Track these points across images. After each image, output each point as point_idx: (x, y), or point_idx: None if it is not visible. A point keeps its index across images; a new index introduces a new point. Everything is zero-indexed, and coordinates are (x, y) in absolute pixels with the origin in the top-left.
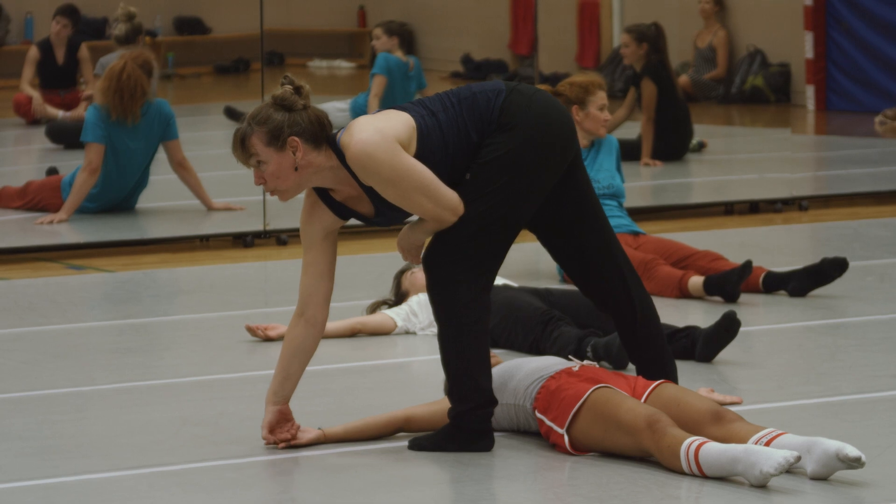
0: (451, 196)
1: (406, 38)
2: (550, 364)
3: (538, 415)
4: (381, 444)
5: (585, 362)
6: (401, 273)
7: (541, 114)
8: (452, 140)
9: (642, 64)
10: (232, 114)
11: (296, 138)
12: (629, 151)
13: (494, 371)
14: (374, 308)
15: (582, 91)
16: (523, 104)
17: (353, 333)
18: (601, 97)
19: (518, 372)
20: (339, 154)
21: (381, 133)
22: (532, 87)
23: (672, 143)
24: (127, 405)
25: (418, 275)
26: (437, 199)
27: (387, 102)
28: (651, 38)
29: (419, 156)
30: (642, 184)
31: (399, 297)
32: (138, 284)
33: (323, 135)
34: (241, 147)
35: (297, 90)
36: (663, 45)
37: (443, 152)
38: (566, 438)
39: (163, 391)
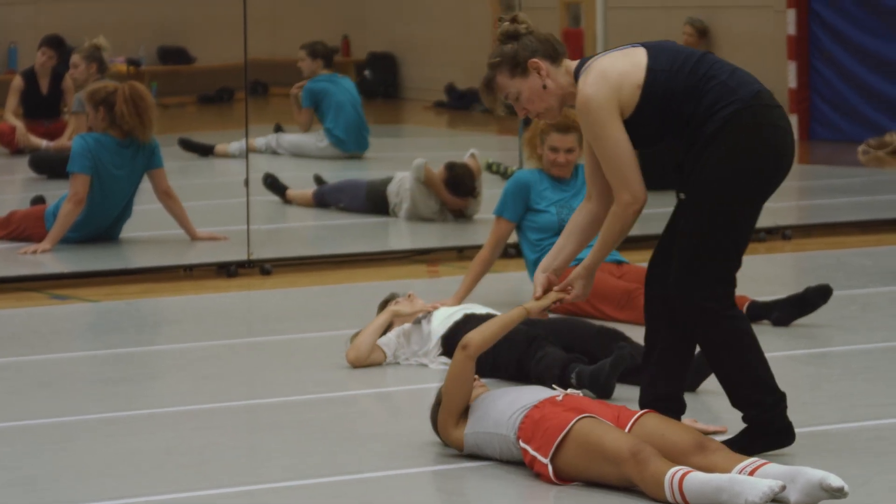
0: (636, 181)
1: (329, 56)
2: (534, 393)
3: (522, 444)
4: (365, 473)
5: (569, 391)
6: (384, 303)
7: (761, 143)
8: (676, 106)
9: None
10: (188, 145)
11: (535, 59)
12: None
13: (478, 401)
14: (356, 336)
15: (537, 129)
16: (749, 126)
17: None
18: (553, 139)
19: (501, 401)
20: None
21: (607, 93)
22: (771, 114)
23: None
24: (111, 435)
25: (403, 304)
26: (623, 178)
27: (338, 116)
28: None
29: (638, 108)
30: None
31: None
32: (122, 314)
33: (557, 51)
34: (489, 90)
35: (513, 20)
36: None
37: (662, 115)
38: (550, 468)
39: (147, 421)
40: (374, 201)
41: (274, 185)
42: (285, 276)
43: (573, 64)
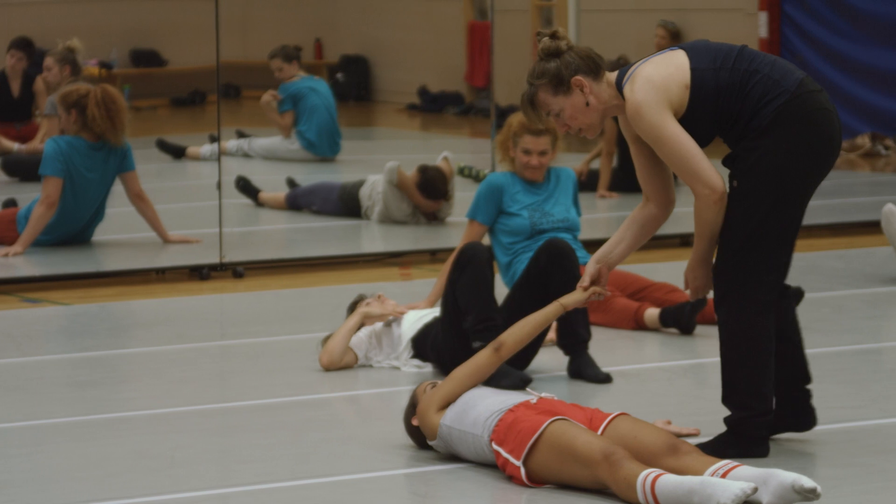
0: (708, 172)
1: (299, 56)
2: (511, 397)
3: (495, 446)
4: (338, 476)
5: (543, 394)
6: (353, 305)
7: (810, 130)
8: (723, 104)
9: None
10: (164, 146)
11: (578, 77)
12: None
13: (457, 401)
14: (327, 339)
15: (510, 131)
16: (797, 115)
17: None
18: (526, 141)
19: (479, 403)
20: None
21: (656, 96)
22: (817, 100)
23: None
24: (82, 439)
25: (373, 305)
26: (694, 172)
27: (311, 118)
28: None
29: (689, 109)
30: (599, 216)
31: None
32: (94, 317)
33: (599, 66)
34: (532, 107)
35: (553, 36)
36: None
37: (712, 113)
38: (523, 471)
39: (118, 425)
40: (346, 204)
41: (246, 187)
42: (258, 278)
43: (613, 75)
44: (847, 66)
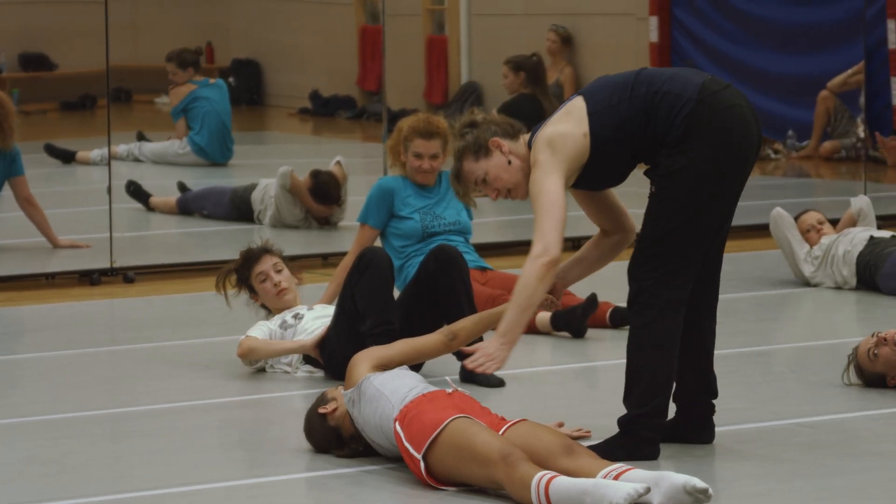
0: (554, 235)
1: (197, 60)
2: (429, 385)
3: (398, 428)
4: (232, 481)
5: (460, 389)
6: (246, 256)
7: (722, 130)
8: (632, 134)
9: (518, 94)
10: (52, 151)
11: (495, 139)
12: None
13: (399, 368)
14: (253, 338)
15: (401, 135)
16: (706, 119)
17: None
18: (417, 145)
19: (406, 379)
20: None
21: (550, 157)
22: (721, 98)
23: None
24: None
25: (308, 341)
26: (544, 230)
27: (204, 125)
28: (529, 67)
29: (593, 153)
30: (492, 219)
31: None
32: None
33: (515, 128)
34: (460, 181)
35: (470, 113)
36: (542, 76)
37: (622, 147)
38: (422, 464)
39: (8, 430)
40: (238, 208)
41: (137, 192)
42: (148, 283)
43: (527, 136)
44: (737, 69)
